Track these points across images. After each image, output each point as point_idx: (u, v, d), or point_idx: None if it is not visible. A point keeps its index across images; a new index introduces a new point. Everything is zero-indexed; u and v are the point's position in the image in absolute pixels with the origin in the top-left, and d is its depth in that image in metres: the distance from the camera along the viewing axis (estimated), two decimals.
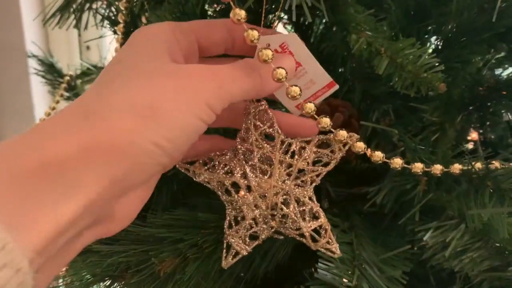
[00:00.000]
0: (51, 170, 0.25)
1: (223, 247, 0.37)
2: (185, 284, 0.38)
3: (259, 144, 0.37)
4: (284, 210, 0.37)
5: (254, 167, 0.37)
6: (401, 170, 0.45)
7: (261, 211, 0.37)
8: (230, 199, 0.38)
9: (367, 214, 0.48)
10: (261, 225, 0.38)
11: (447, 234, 0.45)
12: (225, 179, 0.37)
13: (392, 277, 0.42)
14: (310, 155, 0.38)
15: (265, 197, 0.37)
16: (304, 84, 0.39)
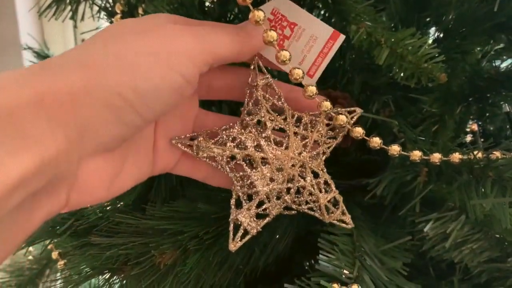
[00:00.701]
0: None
1: (229, 228, 0.35)
2: (186, 276, 0.38)
3: (271, 116, 0.36)
4: (301, 182, 0.37)
5: (268, 139, 0.36)
6: (401, 162, 0.45)
7: (276, 185, 0.36)
8: (241, 175, 0.37)
9: (367, 206, 0.48)
10: (273, 200, 0.37)
11: (447, 225, 0.45)
12: (237, 152, 0.36)
13: (393, 268, 0.42)
14: (324, 127, 0.37)
15: (282, 170, 0.36)
16: (306, 42, 0.36)
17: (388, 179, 0.44)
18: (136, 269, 0.39)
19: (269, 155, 0.36)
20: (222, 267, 0.41)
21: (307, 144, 0.37)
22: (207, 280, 0.40)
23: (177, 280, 0.38)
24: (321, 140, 0.37)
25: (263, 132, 0.36)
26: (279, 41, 0.36)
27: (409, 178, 0.44)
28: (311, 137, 0.37)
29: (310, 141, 0.37)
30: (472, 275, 0.52)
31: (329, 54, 0.37)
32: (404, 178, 0.44)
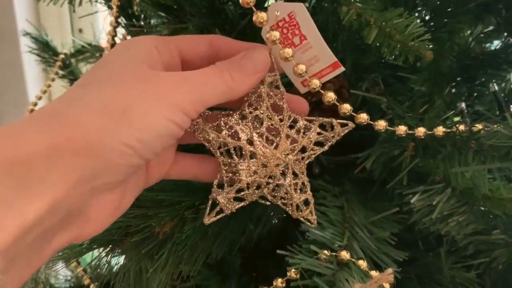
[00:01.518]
0: (17, 168, 0.25)
1: (207, 204, 0.38)
2: (183, 243, 0.40)
3: (270, 115, 0.38)
4: (281, 181, 0.39)
5: (261, 136, 0.38)
6: (389, 137, 0.47)
7: (258, 178, 0.39)
8: (228, 161, 0.39)
9: (357, 180, 0.50)
10: (252, 189, 0.39)
11: (434, 198, 0.47)
12: (230, 142, 0.38)
13: (381, 237, 0.44)
14: (314, 135, 0.40)
15: (266, 166, 0.39)
16: (309, 60, 0.39)
17: (376, 153, 0.46)
18: (136, 236, 0.41)
19: (259, 152, 0.38)
20: (218, 238, 0.43)
21: (295, 148, 0.39)
22: (204, 249, 0.42)
23: (175, 249, 0.40)
24: (309, 146, 0.40)
25: (258, 128, 0.38)
26: (286, 44, 0.38)
27: (397, 152, 0.46)
28: (301, 143, 0.39)
29: (299, 146, 0.39)
30: (459, 247, 0.54)
31: (324, 78, 0.40)
32: (392, 152, 0.46)
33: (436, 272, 0.52)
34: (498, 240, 0.55)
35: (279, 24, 0.38)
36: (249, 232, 0.46)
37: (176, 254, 0.40)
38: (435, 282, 0.52)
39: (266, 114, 0.38)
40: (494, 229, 0.53)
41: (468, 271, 0.56)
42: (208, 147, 0.39)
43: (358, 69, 0.53)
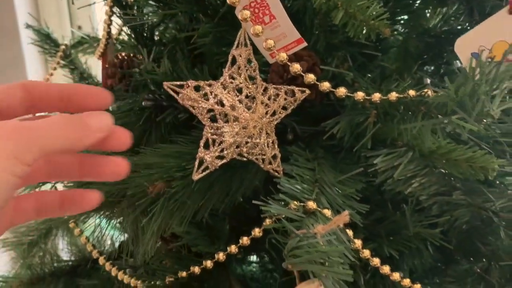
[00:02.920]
0: None
1: (195, 163, 0.44)
2: (173, 198, 0.46)
3: (248, 84, 0.45)
4: (258, 139, 0.46)
5: (241, 102, 0.46)
6: (354, 106, 0.53)
7: (239, 138, 0.45)
8: (213, 125, 0.45)
9: (328, 147, 0.56)
10: (233, 148, 0.45)
11: (397, 160, 0.53)
12: (217, 108, 0.45)
13: (348, 194, 0.50)
14: (282, 101, 0.47)
15: (246, 128, 0.45)
16: (277, 36, 0.46)
17: (343, 120, 0.52)
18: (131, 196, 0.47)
19: (241, 116, 0.45)
20: (204, 196, 0.49)
21: (268, 112, 0.47)
22: (191, 207, 0.48)
23: (165, 204, 0.46)
24: (278, 109, 0.47)
25: (238, 96, 0.45)
26: (258, 22, 0.44)
27: (361, 119, 0.52)
28: (273, 108, 0.47)
29: (271, 110, 0.47)
30: (424, 207, 0.60)
31: (291, 51, 0.48)
32: (357, 119, 0.52)
33: (403, 229, 0.58)
34: (461, 201, 0.61)
35: (251, 5, 0.44)
36: (233, 192, 0.52)
37: (166, 209, 0.46)
38: (401, 238, 0.58)
39: (245, 83, 0.45)
40: (454, 190, 0.59)
41: (433, 229, 0.62)
42: (195, 114, 0.45)
43: (329, 48, 0.58)
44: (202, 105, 0.44)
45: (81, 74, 0.90)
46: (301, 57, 0.58)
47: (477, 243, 0.65)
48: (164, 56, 0.57)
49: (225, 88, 0.45)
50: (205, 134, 0.45)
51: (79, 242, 0.83)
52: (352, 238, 0.47)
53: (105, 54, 0.71)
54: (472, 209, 0.62)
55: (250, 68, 0.46)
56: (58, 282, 0.73)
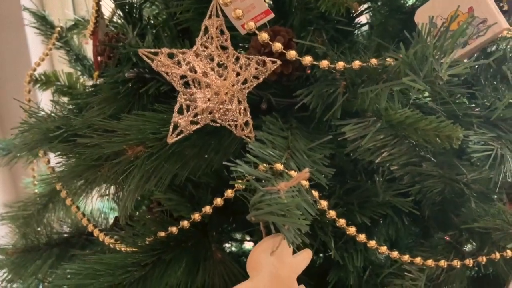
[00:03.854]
0: None
1: (170, 127, 0.48)
2: (149, 158, 0.49)
3: (219, 53, 0.48)
4: (229, 106, 0.49)
5: (213, 69, 0.49)
6: (325, 77, 0.55)
7: (212, 104, 0.48)
8: (187, 91, 0.48)
9: (302, 118, 0.58)
10: (206, 114, 0.49)
11: (365, 130, 0.56)
12: (189, 75, 0.48)
13: (318, 160, 0.53)
14: (253, 70, 0.50)
15: (218, 94, 0.48)
16: (247, 7, 0.49)
17: (314, 91, 0.54)
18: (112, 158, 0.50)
19: (212, 82, 0.48)
20: (181, 160, 0.52)
21: (239, 80, 0.50)
22: (169, 170, 0.52)
23: (144, 165, 0.49)
24: (249, 78, 0.50)
25: (210, 63, 0.48)
26: None
27: (332, 90, 0.54)
28: (243, 76, 0.50)
29: (242, 78, 0.50)
30: (395, 178, 0.62)
31: (260, 22, 0.51)
32: (328, 90, 0.54)
33: (373, 197, 0.61)
34: (432, 172, 0.64)
35: None
36: (210, 159, 0.55)
37: (143, 169, 0.49)
38: (372, 205, 0.61)
39: (216, 52, 0.48)
40: (424, 160, 0.62)
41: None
42: (169, 80, 0.48)
43: (305, 24, 0.61)
44: (175, 71, 0.47)
45: (76, 56, 0.94)
46: (278, 32, 0.60)
47: (449, 214, 0.68)
48: (148, 32, 0.60)
49: (197, 56, 0.48)
50: (179, 100, 0.48)
51: (74, 215, 0.87)
52: (318, 199, 0.50)
53: (96, 32, 0.74)
54: (444, 181, 0.65)
55: (222, 38, 0.48)
56: (52, 251, 0.77)
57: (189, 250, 0.60)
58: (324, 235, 0.57)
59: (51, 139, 0.54)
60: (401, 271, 0.61)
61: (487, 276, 0.72)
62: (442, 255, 0.64)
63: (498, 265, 0.60)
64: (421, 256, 0.59)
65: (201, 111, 0.48)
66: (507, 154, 0.57)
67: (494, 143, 0.57)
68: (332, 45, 0.61)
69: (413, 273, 0.61)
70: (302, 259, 0.49)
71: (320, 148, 0.55)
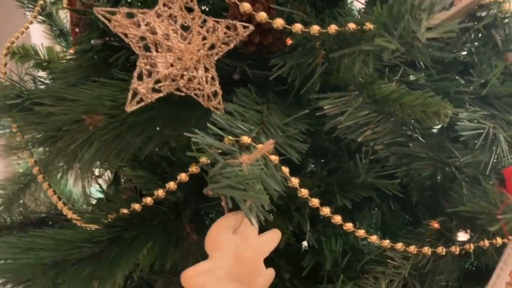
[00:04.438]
0: None
1: (129, 94, 0.44)
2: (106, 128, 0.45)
3: (183, 14, 0.44)
4: (194, 73, 0.45)
5: (176, 32, 0.44)
6: (303, 46, 0.51)
7: (174, 70, 0.44)
8: (147, 54, 0.44)
9: (279, 91, 0.55)
10: (169, 81, 0.45)
11: (347, 105, 0.52)
12: (148, 36, 0.44)
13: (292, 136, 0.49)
14: (221, 34, 0.46)
15: (181, 59, 0.44)
16: None
17: (291, 61, 0.50)
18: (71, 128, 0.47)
19: (174, 46, 0.44)
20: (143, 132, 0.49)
21: (206, 44, 0.45)
22: (130, 142, 0.48)
23: (101, 138, 0.46)
24: (217, 43, 0.46)
25: (173, 25, 0.44)
26: None
27: (310, 60, 0.50)
28: (210, 40, 0.45)
29: (209, 43, 0.45)
30: (380, 158, 0.58)
31: None
32: (306, 60, 0.50)
33: (355, 178, 0.57)
34: (420, 154, 0.59)
35: None
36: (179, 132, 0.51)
37: (101, 138, 0.46)
38: (354, 187, 0.57)
39: (180, 13, 0.44)
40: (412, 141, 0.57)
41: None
42: (127, 42, 0.44)
43: None
44: (133, 32, 0.43)
45: (60, 31, 0.91)
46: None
47: (440, 200, 0.63)
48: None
49: (159, 16, 0.44)
50: (138, 65, 0.45)
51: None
52: (289, 176, 0.46)
53: (73, 2, 0.71)
54: (434, 164, 0.60)
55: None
56: (25, 230, 0.74)
57: (158, 230, 0.56)
58: (299, 216, 0.54)
59: (9, 107, 0.51)
60: (384, 259, 0.58)
61: (480, 269, 0.68)
62: (430, 243, 0.60)
63: (488, 254, 0.56)
64: (407, 243, 0.56)
65: (163, 77, 0.44)
66: (500, 134, 0.53)
67: (486, 122, 0.52)
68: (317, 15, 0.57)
69: (397, 261, 0.57)
70: (269, 240, 0.45)
71: (296, 123, 0.51)
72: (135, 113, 0.46)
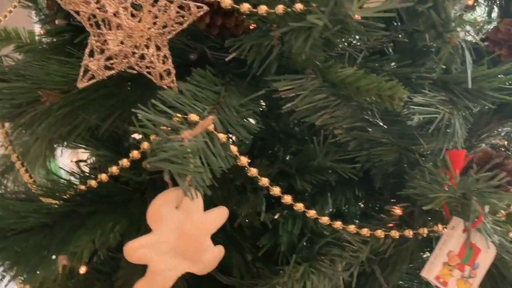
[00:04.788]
0: None
1: (80, 71, 0.45)
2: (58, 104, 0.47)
3: None
4: (145, 51, 0.46)
5: (126, 9, 0.45)
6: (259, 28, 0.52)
7: (124, 48, 0.45)
8: (98, 32, 0.45)
9: (238, 74, 0.55)
10: (120, 59, 0.46)
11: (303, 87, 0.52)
12: (98, 14, 0.45)
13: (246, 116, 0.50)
14: (173, 13, 0.46)
15: (132, 37, 0.45)
16: None
17: (247, 42, 0.51)
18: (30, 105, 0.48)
19: (124, 23, 0.45)
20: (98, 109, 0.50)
21: (157, 23, 0.46)
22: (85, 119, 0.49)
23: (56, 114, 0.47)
24: (169, 22, 0.46)
25: (123, 3, 0.45)
26: None
27: (266, 42, 0.51)
28: (162, 19, 0.46)
29: (160, 22, 0.46)
30: (341, 143, 0.59)
31: None
32: (263, 43, 0.51)
33: (313, 161, 0.57)
34: (382, 139, 0.60)
35: None
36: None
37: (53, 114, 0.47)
38: (313, 170, 0.58)
39: None
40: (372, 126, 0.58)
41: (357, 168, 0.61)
42: (79, 20, 0.45)
43: None
44: (83, 9, 0.44)
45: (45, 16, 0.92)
46: None
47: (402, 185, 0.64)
48: None
49: None
50: (90, 42, 0.46)
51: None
52: (238, 155, 0.47)
53: None
54: (397, 150, 0.61)
55: None
56: None
57: (120, 210, 0.57)
58: (254, 196, 0.54)
59: None
60: (343, 243, 0.58)
61: None
62: (391, 229, 0.60)
63: None
64: (362, 227, 0.56)
65: (114, 54, 0.45)
66: (456, 119, 0.53)
67: (443, 107, 0.52)
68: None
69: (354, 245, 0.58)
70: (215, 217, 0.46)
71: (252, 104, 0.51)
72: (89, 91, 0.47)
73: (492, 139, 0.69)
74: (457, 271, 0.47)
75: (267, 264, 0.62)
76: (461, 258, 0.47)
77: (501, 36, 0.66)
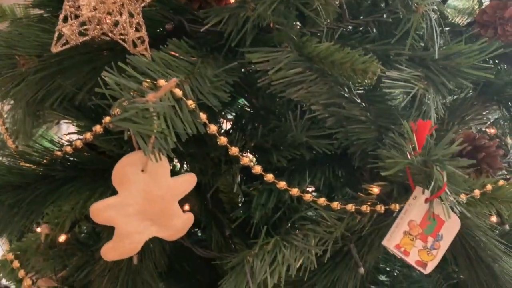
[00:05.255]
0: None
1: (54, 36, 0.46)
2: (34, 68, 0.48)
3: None
4: (118, 17, 0.46)
5: None
6: None
7: (97, 14, 0.46)
8: None
9: (215, 47, 0.56)
10: (94, 25, 0.46)
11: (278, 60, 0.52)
12: None
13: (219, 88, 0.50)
14: None
15: (105, 3, 0.46)
16: None
17: (223, 14, 0.51)
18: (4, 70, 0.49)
19: None
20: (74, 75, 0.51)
21: None
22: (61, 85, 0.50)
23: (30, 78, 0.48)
24: None
25: None
26: None
27: (242, 14, 0.51)
28: None
29: None
30: (318, 119, 0.59)
31: None
32: (237, 12, 0.51)
33: (289, 137, 0.58)
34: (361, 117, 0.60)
35: None
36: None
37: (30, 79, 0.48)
38: (289, 145, 0.58)
39: None
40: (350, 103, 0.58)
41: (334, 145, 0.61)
42: None
43: None
44: None
45: None
46: None
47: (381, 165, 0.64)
48: None
49: None
50: (64, 7, 0.46)
51: None
52: (208, 123, 0.47)
53: None
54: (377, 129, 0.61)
55: None
56: None
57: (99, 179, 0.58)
58: (227, 168, 0.55)
59: None
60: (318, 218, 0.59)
61: None
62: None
63: None
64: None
65: (87, 20, 0.46)
66: (431, 95, 0.53)
67: (417, 83, 0.52)
68: None
69: (329, 221, 0.58)
70: (183, 182, 0.46)
71: (227, 75, 0.52)
72: (64, 56, 0.48)
73: (477, 122, 0.69)
74: (420, 241, 0.47)
75: (244, 239, 0.63)
76: (423, 228, 0.47)
77: (486, 18, 0.65)
